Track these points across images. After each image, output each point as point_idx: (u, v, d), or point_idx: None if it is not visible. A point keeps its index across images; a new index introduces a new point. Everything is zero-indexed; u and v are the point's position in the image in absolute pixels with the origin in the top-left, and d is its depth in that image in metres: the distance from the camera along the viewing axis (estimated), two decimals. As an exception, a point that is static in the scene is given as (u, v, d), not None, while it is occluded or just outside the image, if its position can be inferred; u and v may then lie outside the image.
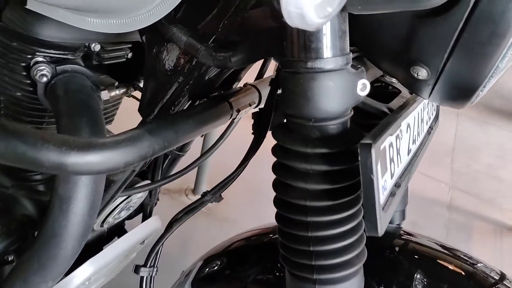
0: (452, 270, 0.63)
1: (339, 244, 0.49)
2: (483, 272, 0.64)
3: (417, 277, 0.61)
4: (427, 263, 0.63)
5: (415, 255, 0.64)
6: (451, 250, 0.68)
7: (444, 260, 0.65)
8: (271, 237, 0.75)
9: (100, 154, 0.47)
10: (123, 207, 0.87)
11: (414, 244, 0.67)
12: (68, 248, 0.65)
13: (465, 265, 0.64)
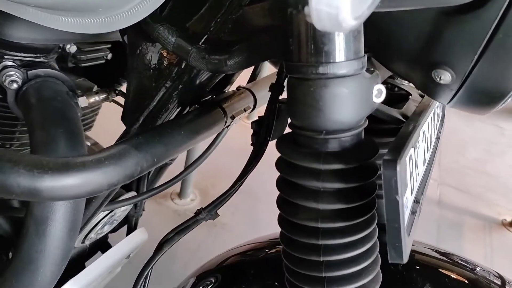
0: (456, 278, 0.60)
1: (354, 269, 0.44)
2: (484, 278, 0.62)
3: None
4: (433, 274, 0.60)
5: (420, 265, 0.61)
6: (449, 255, 0.65)
7: (448, 269, 0.63)
8: (267, 252, 0.70)
9: (79, 176, 0.41)
10: (106, 222, 0.80)
11: (418, 255, 0.63)
12: (46, 274, 0.58)
13: (466, 271, 0.62)
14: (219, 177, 1.94)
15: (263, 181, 1.96)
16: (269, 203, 1.08)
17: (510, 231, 1.95)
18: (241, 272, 0.69)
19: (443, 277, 0.62)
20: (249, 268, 0.69)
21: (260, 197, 1.85)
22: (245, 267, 0.70)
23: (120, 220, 0.85)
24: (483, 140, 2.69)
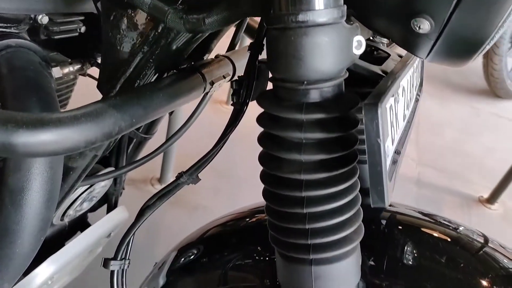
0: (438, 237, 0.61)
1: (337, 220, 0.44)
2: (467, 237, 0.64)
3: (407, 249, 0.58)
4: (415, 233, 0.61)
5: (402, 225, 0.62)
6: (431, 216, 0.66)
7: (430, 228, 0.63)
8: (249, 221, 0.70)
9: (55, 132, 0.39)
10: (85, 198, 0.78)
11: (400, 215, 0.64)
12: (24, 246, 0.57)
13: (448, 230, 0.63)
14: (199, 162, 1.92)
15: (245, 165, 1.95)
16: (251, 186, 1.07)
17: (487, 207, 2.00)
18: (223, 241, 0.69)
19: (425, 235, 0.62)
20: (231, 236, 0.69)
21: (241, 180, 1.85)
22: (227, 236, 0.69)
23: (99, 197, 0.84)
24: (459, 121, 2.74)
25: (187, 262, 0.71)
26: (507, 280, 0.58)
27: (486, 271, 0.58)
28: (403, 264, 0.57)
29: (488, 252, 0.61)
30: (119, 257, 0.56)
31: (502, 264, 0.59)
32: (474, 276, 0.57)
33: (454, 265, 0.58)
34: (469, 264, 0.58)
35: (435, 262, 0.58)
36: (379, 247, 0.59)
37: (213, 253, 0.68)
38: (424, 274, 0.56)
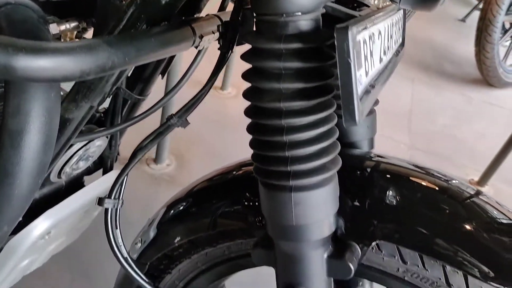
0: (425, 185, 0.62)
1: (314, 147, 0.47)
2: (458, 187, 0.63)
3: (389, 193, 0.60)
4: (400, 179, 0.62)
5: (388, 173, 0.63)
6: (425, 168, 0.67)
7: (418, 177, 0.63)
8: (235, 174, 0.72)
9: (52, 60, 0.42)
10: (81, 156, 0.81)
11: (386, 164, 0.66)
12: (23, 187, 0.60)
13: (439, 181, 0.64)
14: (194, 145, 1.96)
15: (237, 149, 1.99)
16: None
17: (476, 189, 2.03)
18: (211, 192, 0.72)
19: (411, 182, 0.63)
20: (219, 187, 0.71)
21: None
22: (215, 187, 0.72)
23: (94, 157, 0.87)
24: (451, 108, 2.78)
25: (176, 213, 0.75)
26: (493, 227, 0.57)
27: (471, 217, 0.58)
28: (385, 206, 0.58)
29: (477, 202, 0.61)
30: (113, 196, 0.59)
31: (490, 214, 0.59)
32: (458, 220, 0.57)
33: (438, 209, 0.59)
34: (454, 210, 0.58)
35: (418, 206, 0.59)
36: (362, 190, 0.60)
37: (202, 203, 0.72)
38: (405, 216, 0.58)
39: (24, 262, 0.85)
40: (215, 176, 0.74)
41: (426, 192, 0.61)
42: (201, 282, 0.75)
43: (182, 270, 0.76)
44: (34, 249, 0.84)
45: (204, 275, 0.74)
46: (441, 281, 0.58)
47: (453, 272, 0.57)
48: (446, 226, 0.58)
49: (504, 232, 0.57)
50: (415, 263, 0.58)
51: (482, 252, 0.56)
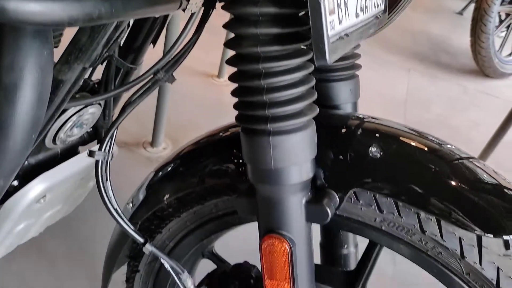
0: (414, 144, 0.62)
1: (291, 91, 0.50)
2: (450, 151, 0.62)
3: (373, 148, 0.61)
4: (386, 137, 0.62)
5: (373, 130, 0.63)
6: (418, 131, 0.66)
7: (407, 137, 0.64)
8: (222, 135, 0.74)
9: (43, 3, 0.45)
10: (75, 122, 0.84)
11: (373, 123, 0.65)
12: (17, 141, 0.63)
13: (429, 142, 0.63)
14: (190, 130, 1.99)
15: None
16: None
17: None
18: (198, 154, 0.74)
19: (397, 141, 0.63)
20: (205, 149, 0.74)
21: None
22: (202, 150, 0.74)
23: (88, 124, 0.90)
24: (446, 97, 2.80)
25: (165, 174, 0.77)
26: (476, 184, 0.58)
27: (455, 174, 0.58)
28: (366, 158, 0.59)
29: (466, 164, 0.60)
30: (103, 148, 0.62)
31: (478, 176, 0.59)
32: (440, 174, 0.58)
33: (421, 165, 0.59)
34: (439, 167, 0.59)
35: (400, 160, 0.60)
36: (345, 145, 0.61)
37: (189, 163, 0.74)
38: (385, 167, 0.59)
39: (20, 226, 0.88)
40: (203, 139, 0.76)
41: (414, 150, 0.61)
42: (191, 241, 0.78)
43: (172, 230, 0.78)
44: (30, 213, 0.87)
45: (193, 234, 0.77)
46: (416, 228, 0.61)
47: (427, 219, 0.60)
48: (425, 176, 0.59)
49: (486, 189, 0.58)
50: (391, 212, 0.61)
51: (457, 199, 0.57)
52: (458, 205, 0.57)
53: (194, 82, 2.38)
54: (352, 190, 0.60)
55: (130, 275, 0.87)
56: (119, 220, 0.64)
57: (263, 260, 0.59)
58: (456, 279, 0.61)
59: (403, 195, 0.58)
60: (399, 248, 0.63)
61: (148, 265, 0.84)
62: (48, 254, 1.35)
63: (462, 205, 0.57)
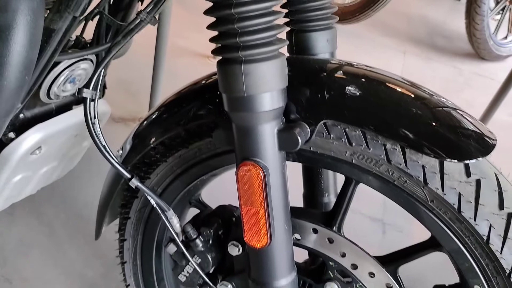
0: (398, 89, 0.64)
1: (260, 20, 0.54)
2: (438, 100, 0.64)
3: (349, 88, 0.63)
4: (368, 79, 0.65)
5: (353, 73, 0.66)
6: (413, 82, 0.68)
7: (393, 84, 0.65)
8: (204, 82, 0.77)
9: None
10: (68, 77, 0.88)
11: (354, 68, 0.67)
12: (11, 81, 0.67)
13: (420, 91, 0.65)
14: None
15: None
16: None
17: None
18: (182, 100, 0.78)
19: (377, 83, 0.64)
20: (190, 94, 0.77)
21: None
22: (186, 95, 0.78)
23: (81, 81, 0.94)
24: (441, 79, 2.83)
25: (150, 121, 0.82)
26: (446, 122, 0.61)
27: (435, 119, 0.60)
28: (339, 95, 0.63)
29: (449, 111, 0.62)
30: (91, 87, 0.66)
31: (457, 118, 0.61)
32: (418, 116, 0.60)
33: (397, 103, 0.62)
34: (421, 111, 0.61)
35: (375, 97, 0.63)
36: (322, 84, 0.64)
37: (173, 109, 0.78)
38: (358, 102, 0.62)
39: (17, 177, 0.93)
40: (186, 88, 0.80)
41: (398, 95, 0.63)
42: (178, 186, 0.82)
43: (159, 175, 0.83)
44: (27, 165, 0.92)
45: (180, 179, 0.82)
46: (383, 159, 0.65)
47: (393, 149, 0.64)
48: (399, 113, 0.62)
49: (453, 121, 0.61)
50: (360, 144, 0.65)
51: (424, 129, 0.60)
52: (424, 134, 0.61)
53: (190, 63, 2.42)
54: (323, 122, 0.64)
55: (122, 223, 0.92)
56: (107, 155, 0.68)
57: (240, 187, 0.63)
58: (421, 207, 0.65)
59: (371, 125, 0.62)
60: (369, 180, 0.68)
61: (138, 212, 0.89)
62: (47, 220, 1.40)
63: (428, 134, 0.61)
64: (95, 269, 1.28)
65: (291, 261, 0.68)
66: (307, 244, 0.75)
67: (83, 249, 1.33)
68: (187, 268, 0.77)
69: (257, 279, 0.69)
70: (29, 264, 1.25)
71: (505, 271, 0.63)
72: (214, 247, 0.76)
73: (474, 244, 0.64)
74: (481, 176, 0.63)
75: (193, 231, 0.75)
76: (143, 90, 1.99)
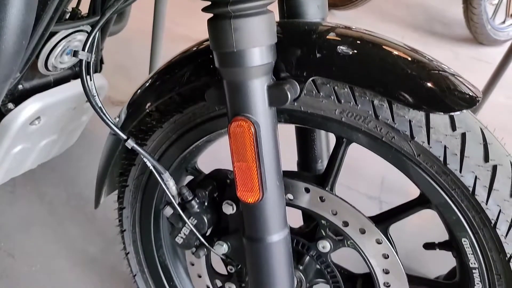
0: (394, 52, 0.65)
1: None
2: (437, 65, 0.65)
3: (341, 47, 0.64)
4: (363, 41, 0.66)
5: (346, 34, 0.67)
6: (413, 48, 0.68)
7: (390, 47, 0.66)
8: (196, 49, 0.77)
9: None
10: (64, 47, 0.90)
11: (348, 30, 0.68)
12: (9, 44, 0.69)
13: (420, 56, 0.66)
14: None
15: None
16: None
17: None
18: (175, 66, 0.79)
19: (374, 46, 0.65)
20: (182, 61, 0.78)
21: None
22: (178, 62, 0.79)
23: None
24: (438, 63, 2.84)
25: (145, 89, 0.83)
26: (436, 78, 0.62)
27: (429, 79, 0.61)
28: (333, 55, 0.64)
29: (447, 76, 0.63)
30: (87, 49, 0.68)
31: (450, 80, 0.62)
32: (408, 73, 0.61)
33: (392, 66, 0.63)
34: (415, 71, 0.62)
35: (366, 57, 0.64)
36: (313, 43, 0.66)
37: (166, 75, 0.80)
38: (347, 60, 0.63)
39: (17, 148, 0.95)
40: (178, 55, 0.81)
41: (394, 57, 0.64)
42: (174, 152, 0.84)
43: (156, 141, 0.85)
44: (26, 136, 0.94)
45: (175, 145, 0.84)
46: (371, 115, 0.66)
47: (380, 105, 0.66)
48: (390, 70, 0.63)
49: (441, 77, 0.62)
50: (348, 101, 0.67)
51: (413, 84, 0.62)
52: (411, 89, 0.62)
53: (188, 49, 2.44)
54: (312, 79, 0.66)
55: (120, 191, 0.94)
56: (103, 116, 0.70)
57: (232, 143, 0.65)
58: (408, 162, 0.67)
59: (360, 81, 0.64)
60: (358, 138, 0.69)
61: (136, 179, 0.91)
62: (48, 199, 1.42)
63: (415, 88, 0.62)
64: (96, 245, 1.30)
65: (283, 217, 0.70)
66: (299, 203, 0.77)
67: (84, 226, 1.36)
68: (184, 230, 0.79)
69: (250, 236, 0.71)
70: (31, 240, 1.28)
71: (490, 222, 0.65)
72: (209, 209, 0.78)
73: (460, 196, 0.66)
74: (467, 129, 0.65)
75: (188, 193, 0.77)
76: (141, 75, 2.01)
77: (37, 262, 1.22)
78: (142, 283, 1.01)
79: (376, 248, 0.74)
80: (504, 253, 0.66)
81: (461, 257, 0.71)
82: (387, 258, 0.74)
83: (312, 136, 0.92)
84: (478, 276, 0.70)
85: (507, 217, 0.65)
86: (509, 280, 0.68)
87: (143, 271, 1.00)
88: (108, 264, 1.25)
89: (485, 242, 0.67)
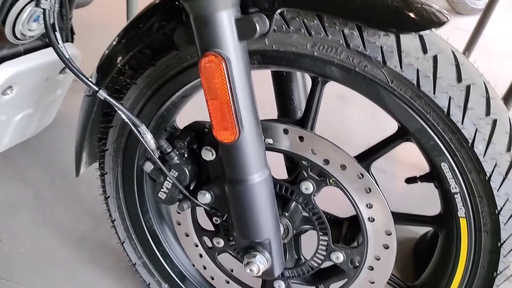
0: None
1: None
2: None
3: None
4: None
5: None
6: None
7: None
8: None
9: None
10: (31, 13, 0.88)
11: None
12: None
13: None
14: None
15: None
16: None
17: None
18: (143, 18, 0.77)
19: None
20: (149, 12, 0.77)
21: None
22: (147, 13, 0.78)
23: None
24: (418, 33, 2.85)
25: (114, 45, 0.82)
26: (415, 8, 0.62)
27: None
28: None
29: (426, 8, 0.63)
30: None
31: (420, 2, 0.63)
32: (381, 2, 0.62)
33: None
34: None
35: None
36: None
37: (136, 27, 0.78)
38: None
39: (-9, 120, 0.93)
40: (145, 8, 0.79)
41: None
42: (151, 109, 0.83)
43: (131, 99, 0.84)
44: (1, 107, 0.92)
45: (152, 101, 0.83)
46: (342, 44, 0.66)
47: (351, 34, 0.66)
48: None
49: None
50: (319, 32, 0.67)
51: (378, 6, 0.62)
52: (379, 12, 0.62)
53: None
54: (280, 10, 0.65)
55: (101, 156, 0.93)
56: (71, 67, 0.69)
57: (204, 80, 0.64)
58: (383, 90, 0.67)
59: (328, 8, 0.64)
60: (332, 72, 0.69)
61: (115, 142, 0.90)
62: (32, 183, 1.40)
63: (384, 11, 0.62)
64: (84, 224, 1.29)
65: (263, 157, 0.70)
66: (279, 146, 0.76)
67: (70, 207, 1.34)
68: (166, 184, 0.78)
69: (231, 178, 0.70)
70: (18, 223, 1.26)
71: (468, 142, 0.66)
72: (189, 160, 0.78)
73: (436, 119, 0.66)
74: (438, 51, 0.65)
75: (167, 145, 0.76)
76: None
77: (25, 243, 1.21)
78: (131, 250, 1.01)
79: (358, 182, 0.74)
80: (484, 172, 0.66)
81: (442, 185, 0.72)
82: (370, 192, 0.74)
83: (290, 87, 0.92)
84: (460, 201, 0.70)
85: (484, 135, 0.65)
86: (490, 201, 0.68)
87: (131, 238, 0.99)
88: (98, 240, 1.24)
89: (464, 163, 0.67)
